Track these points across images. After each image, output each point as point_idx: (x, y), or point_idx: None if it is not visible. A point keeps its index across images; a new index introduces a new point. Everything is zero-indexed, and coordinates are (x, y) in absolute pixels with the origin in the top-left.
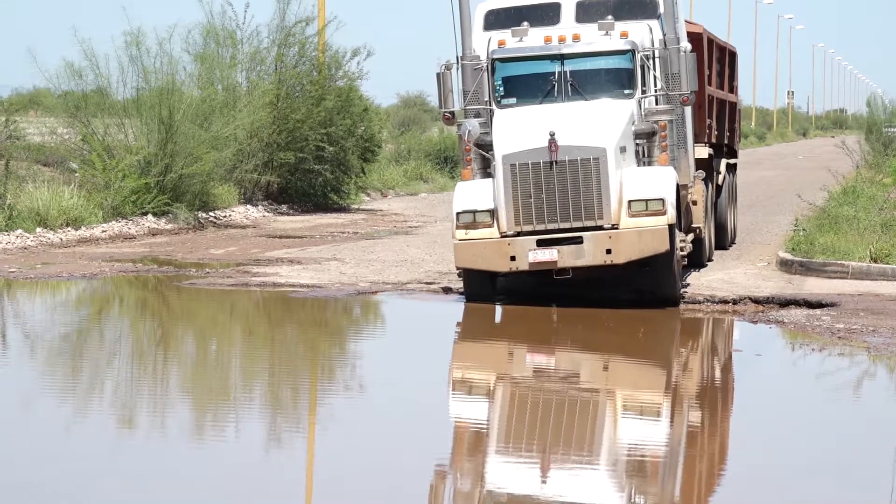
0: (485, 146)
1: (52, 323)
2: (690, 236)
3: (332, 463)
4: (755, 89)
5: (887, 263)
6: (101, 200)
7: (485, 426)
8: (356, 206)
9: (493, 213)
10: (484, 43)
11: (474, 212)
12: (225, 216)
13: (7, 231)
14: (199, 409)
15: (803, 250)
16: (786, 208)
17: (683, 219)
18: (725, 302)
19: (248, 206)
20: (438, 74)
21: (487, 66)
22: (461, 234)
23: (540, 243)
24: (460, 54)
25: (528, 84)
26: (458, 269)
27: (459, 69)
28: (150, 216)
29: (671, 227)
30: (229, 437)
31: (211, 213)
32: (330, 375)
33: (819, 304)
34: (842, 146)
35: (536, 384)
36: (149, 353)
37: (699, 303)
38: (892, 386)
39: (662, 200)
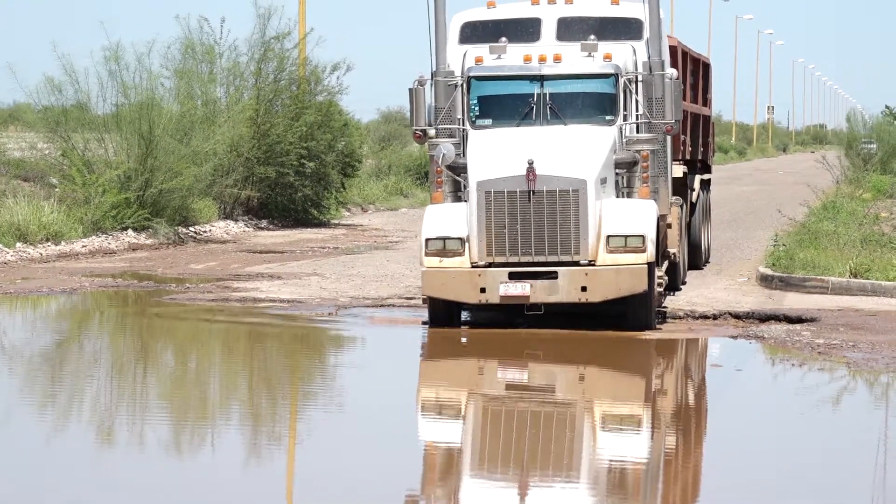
0: (457, 169)
1: (32, 338)
2: (665, 264)
3: (305, 488)
4: (735, 104)
5: (867, 279)
6: (81, 215)
7: (457, 446)
8: (336, 222)
9: (464, 240)
10: (459, 57)
11: (444, 239)
12: (205, 231)
13: None
14: (175, 427)
15: (783, 266)
16: (766, 223)
17: (659, 248)
18: (706, 317)
19: (229, 221)
20: (411, 90)
21: (463, 83)
22: (430, 261)
23: (512, 276)
24: (434, 69)
25: (505, 105)
26: (423, 296)
27: (433, 85)
28: (130, 231)
29: (650, 265)
30: (198, 458)
31: (191, 228)
32: (303, 397)
33: (799, 320)
34: (822, 161)
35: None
36: (127, 369)
37: (679, 318)
38: (872, 401)
39: (643, 237)
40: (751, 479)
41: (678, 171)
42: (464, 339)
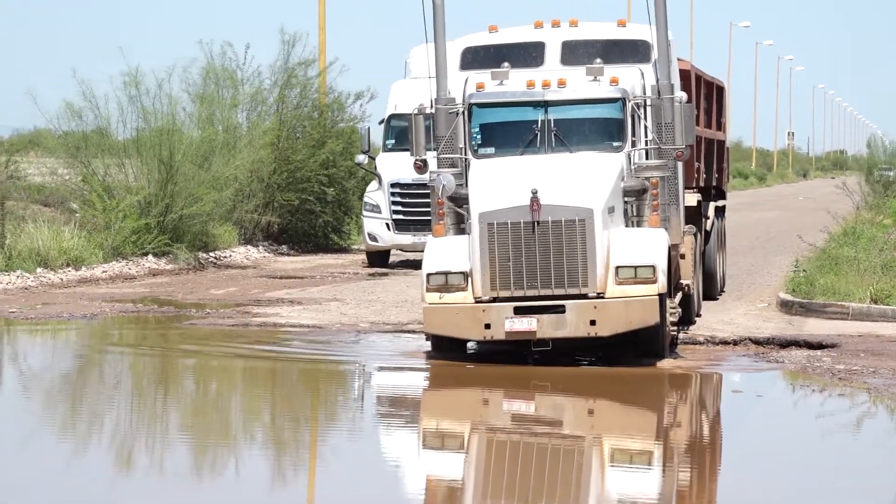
0: (459, 200)
1: (52, 363)
2: (678, 296)
3: None
4: (755, 130)
5: (888, 304)
6: (101, 241)
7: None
8: (356, 247)
9: (466, 275)
10: (460, 83)
11: (447, 273)
12: (225, 256)
13: (7, 271)
14: (191, 450)
15: (804, 291)
16: (786, 249)
17: (672, 279)
18: (726, 343)
19: (249, 247)
20: (411, 117)
21: (464, 110)
22: (432, 297)
23: (518, 311)
24: (435, 96)
25: (508, 132)
26: (426, 334)
27: (434, 112)
28: (150, 256)
29: (661, 296)
30: (207, 482)
31: (211, 254)
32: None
33: (819, 345)
34: (842, 187)
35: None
36: (148, 395)
37: (699, 343)
38: (894, 427)
39: (653, 268)
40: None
41: (692, 199)
42: (469, 366)
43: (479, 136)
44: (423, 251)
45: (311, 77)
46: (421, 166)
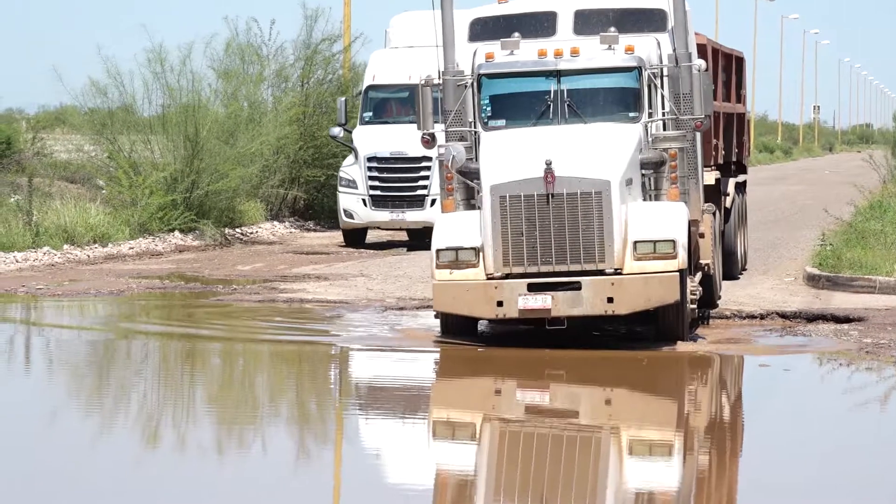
0: (469, 174)
1: (79, 339)
2: (698, 276)
3: None
4: (781, 104)
5: None
6: (127, 217)
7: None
8: None
9: (478, 250)
10: (469, 55)
11: (457, 249)
12: (251, 232)
13: (34, 248)
14: (214, 428)
15: (830, 265)
16: (812, 223)
17: (692, 258)
18: (753, 317)
19: (275, 223)
20: (417, 90)
21: (473, 81)
22: (442, 274)
23: (532, 288)
24: (442, 68)
25: (519, 103)
26: (435, 312)
27: (441, 85)
28: (176, 233)
29: (682, 272)
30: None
31: (237, 230)
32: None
33: (846, 319)
34: (869, 160)
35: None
36: (175, 371)
37: (726, 318)
38: None
39: (673, 242)
40: (797, 482)
41: (710, 178)
42: (480, 349)
43: (489, 108)
44: (401, 229)
45: (335, 53)
46: (429, 140)
